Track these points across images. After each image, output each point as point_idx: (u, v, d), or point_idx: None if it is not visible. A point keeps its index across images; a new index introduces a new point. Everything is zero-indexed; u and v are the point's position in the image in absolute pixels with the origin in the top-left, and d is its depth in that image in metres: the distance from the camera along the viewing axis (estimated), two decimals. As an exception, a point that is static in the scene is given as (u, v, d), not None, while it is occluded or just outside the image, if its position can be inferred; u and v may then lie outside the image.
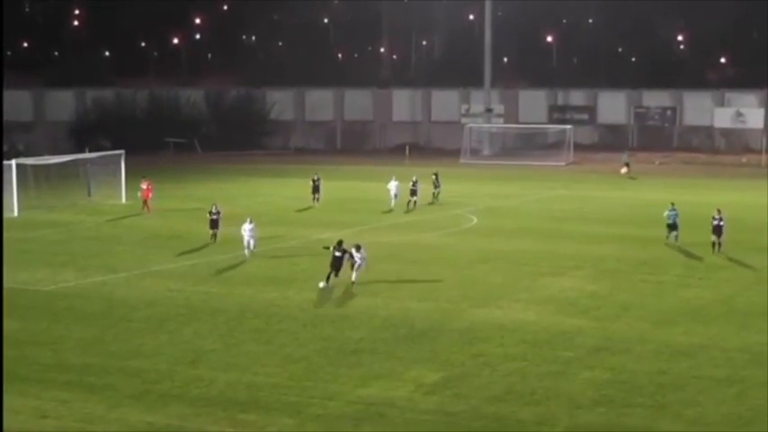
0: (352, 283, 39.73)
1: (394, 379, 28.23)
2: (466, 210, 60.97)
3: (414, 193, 63.82)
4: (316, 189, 65.70)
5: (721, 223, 47.28)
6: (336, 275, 39.66)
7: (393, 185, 64.62)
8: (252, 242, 46.19)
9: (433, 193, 66.62)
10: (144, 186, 62.14)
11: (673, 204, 50.37)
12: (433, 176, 67.16)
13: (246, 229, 45.98)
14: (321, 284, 39.48)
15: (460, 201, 63.28)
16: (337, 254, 39.67)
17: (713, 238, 47.22)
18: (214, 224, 50.53)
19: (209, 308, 36.85)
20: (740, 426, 24.70)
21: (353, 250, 40.12)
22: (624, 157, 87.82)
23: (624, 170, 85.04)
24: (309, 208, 63.46)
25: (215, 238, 50.03)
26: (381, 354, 30.60)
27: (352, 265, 40.17)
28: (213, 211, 50.87)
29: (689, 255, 47.05)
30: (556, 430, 24.45)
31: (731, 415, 25.44)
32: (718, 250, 46.77)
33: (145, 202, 62.00)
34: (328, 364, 29.57)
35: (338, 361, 29.91)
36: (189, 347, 31.43)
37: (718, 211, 47.72)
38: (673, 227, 49.72)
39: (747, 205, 64.00)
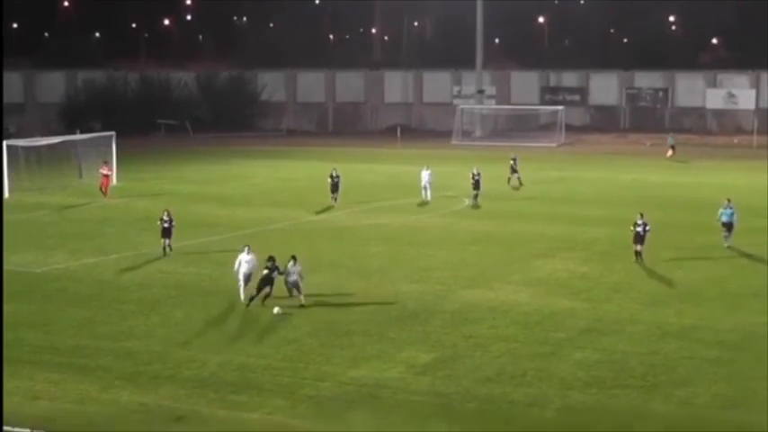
0: (302, 305, 33.83)
1: (386, 360, 28.29)
2: (457, 191, 60.96)
3: (477, 185, 57.89)
4: (335, 187, 57.41)
5: (647, 229, 41.21)
6: (270, 293, 33.90)
7: (425, 175, 59.39)
8: (248, 276, 35.07)
9: (509, 179, 65.25)
10: (104, 171, 61.64)
11: (729, 201, 45.08)
12: (512, 161, 65.94)
13: (243, 261, 35.23)
14: (276, 310, 33.14)
15: (452, 182, 63.23)
16: (265, 271, 33.84)
17: (636, 246, 41.19)
18: (166, 233, 43.19)
19: (202, 290, 36.86)
20: (731, 406, 24.80)
21: (290, 264, 34.21)
22: (670, 139, 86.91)
23: (670, 153, 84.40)
24: (329, 208, 56.39)
25: (169, 249, 43.01)
26: (373, 335, 30.64)
27: (288, 285, 34.32)
28: (164, 218, 43.35)
29: (679, 236, 47.07)
30: (547, 411, 24.52)
31: (722, 395, 25.54)
32: (641, 259, 41.06)
33: (103, 187, 60.81)
34: (320, 346, 29.61)
35: (330, 342, 29.95)
36: (181, 329, 31.45)
37: (641, 216, 41.60)
38: (728, 226, 44.20)
39: (739, 187, 64.05)
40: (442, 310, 33.81)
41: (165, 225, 43.16)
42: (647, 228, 41.11)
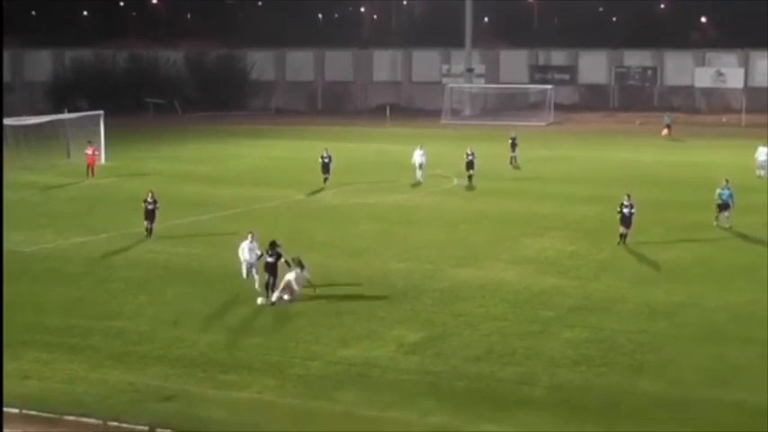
0: (272, 302, 31.83)
1: (375, 339, 28.32)
2: (446, 170, 60.95)
3: (471, 165, 57.07)
4: (326, 168, 56.47)
5: (632, 211, 40.50)
6: (274, 284, 32.18)
7: (418, 155, 58.75)
8: (254, 268, 33.79)
9: (511, 158, 65.25)
10: (89, 151, 61.48)
11: (727, 181, 44.82)
12: (510, 140, 65.93)
13: (246, 248, 34.08)
14: (259, 300, 31.96)
15: (442, 161, 63.22)
16: (269, 259, 32.30)
17: (621, 229, 40.59)
18: (150, 215, 42.06)
19: (191, 269, 36.84)
20: (719, 384, 24.89)
21: (298, 269, 32.21)
22: (665, 118, 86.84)
23: (665, 132, 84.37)
24: (321, 190, 55.61)
25: (150, 233, 42.07)
26: (363, 314, 30.65)
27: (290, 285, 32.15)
28: (149, 199, 42.13)
29: (669, 215, 47.16)
30: (536, 389, 24.58)
31: (710, 373, 25.63)
32: (624, 242, 40.51)
33: (89, 166, 60.69)
34: (310, 325, 29.61)
35: (319, 322, 29.95)
36: (170, 308, 31.43)
37: (628, 197, 40.88)
38: (724, 207, 44.01)
39: (727, 165, 64.14)
40: (431, 289, 33.84)
41: (150, 207, 42.00)
42: (633, 210, 40.47)
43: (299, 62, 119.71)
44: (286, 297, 31.99)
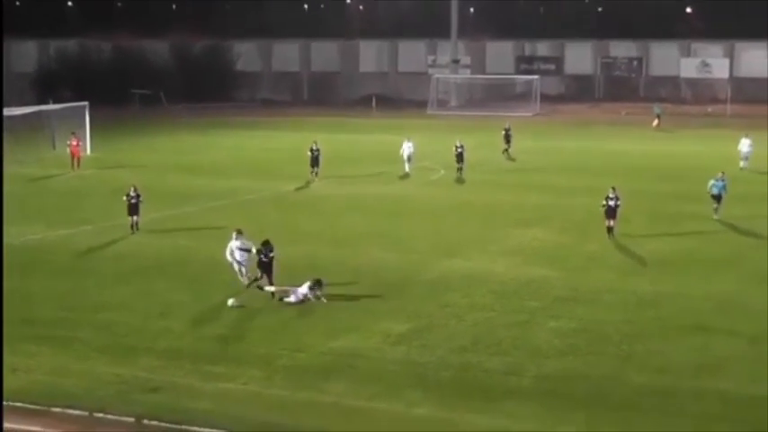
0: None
1: (362, 330, 28.33)
2: (433, 161, 60.97)
3: (460, 157, 56.72)
4: (315, 161, 55.65)
5: (618, 203, 40.13)
6: (270, 282, 31.43)
7: (406, 147, 58.27)
8: (245, 267, 32.46)
9: (506, 149, 65.18)
10: (73, 143, 61.19)
11: (723, 173, 44.56)
12: (504, 131, 65.80)
13: (235, 249, 32.69)
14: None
15: (428, 152, 63.25)
16: (265, 259, 31.35)
17: (607, 221, 40.23)
18: (134, 209, 41.40)
19: (179, 260, 36.79)
20: (706, 373, 24.97)
21: (313, 289, 31.02)
22: (655, 108, 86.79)
23: (656, 123, 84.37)
24: (309, 184, 54.90)
25: (136, 228, 41.52)
26: (349, 305, 30.64)
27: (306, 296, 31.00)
28: (131, 194, 41.42)
29: (655, 206, 47.29)
30: (523, 379, 24.63)
31: (697, 363, 25.72)
32: (611, 234, 40.14)
33: (73, 157, 60.58)
34: (297, 317, 29.62)
35: (307, 313, 29.96)
36: (158, 300, 31.38)
37: (613, 189, 40.37)
38: (717, 198, 43.60)
39: (712, 155, 64.39)
40: (418, 280, 33.87)
41: (133, 201, 41.33)
42: (619, 202, 40.10)
43: (285, 53, 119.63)
44: (292, 299, 30.88)
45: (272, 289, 31.46)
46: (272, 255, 31.50)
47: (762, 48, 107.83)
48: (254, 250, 31.96)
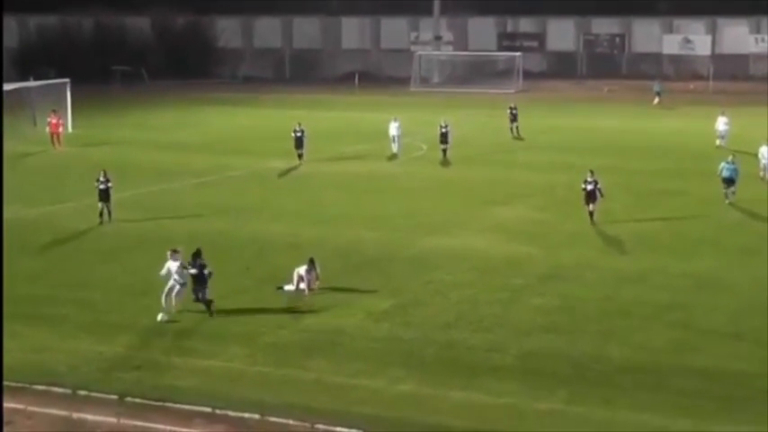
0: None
1: (345, 307, 28.36)
2: (416, 138, 60.88)
3: (445, 137, 55.25)
4: (299, 142, 53.66)
5: (598, 187, 38.94)
6: (204, 296, 27.73)
7: (393, 127, 56.71)
8: (178, 287, 27.53)
9: (511, 128, 64.34)
10: (53, 120, 60.82)
11: (733, 156, 43.67)
12: (509, 110, 65.24)
13: (173, 269, 27.82)
14: (160, 316, 27.26)
15: (411, 129, 63.12)
16: (193, 271, 27.66)
17: (588, 206, 39.08)
18: (103, 195, 39.16)
19: (160, 238, 36.58)
20: (687, 350, 25.10)
21: (302, 271, 29.59)
22: (655, 86, 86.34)
23: (656, 101, 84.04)
24: (296, 167, 52.96)
25: (108, 216, 39.24)
26: (332, 282, 30.59)
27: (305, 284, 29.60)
28: (101, 179, 39.18)
29: (637, 183, 47.37)
30: (506, 356, 24.72)
31: (678, 340, 25.84)
32: (592, 219, 38.97)
33: (54, 135, 60.06)
34: (279, 294, 29.59)
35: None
36: (139, 278, 31.28)
37: (591, 173, 39.32)
38: (729, 181, 42.35)
39: (694, 132, 64.51)
40: (401, 257, 33.91)
41: (102, 187, 39.11)
42: (599, 185, 38.95)
43: (267, 29, 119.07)
44: (302, 286, 29.50)
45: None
46: (203, 265, 27.71)
47: (743, 24, 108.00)
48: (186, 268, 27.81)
